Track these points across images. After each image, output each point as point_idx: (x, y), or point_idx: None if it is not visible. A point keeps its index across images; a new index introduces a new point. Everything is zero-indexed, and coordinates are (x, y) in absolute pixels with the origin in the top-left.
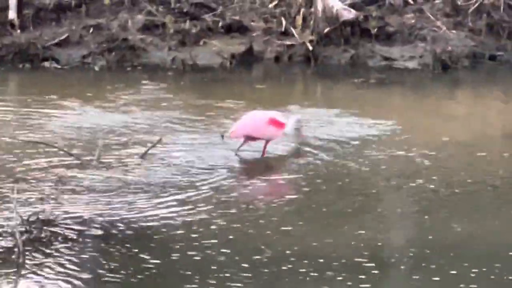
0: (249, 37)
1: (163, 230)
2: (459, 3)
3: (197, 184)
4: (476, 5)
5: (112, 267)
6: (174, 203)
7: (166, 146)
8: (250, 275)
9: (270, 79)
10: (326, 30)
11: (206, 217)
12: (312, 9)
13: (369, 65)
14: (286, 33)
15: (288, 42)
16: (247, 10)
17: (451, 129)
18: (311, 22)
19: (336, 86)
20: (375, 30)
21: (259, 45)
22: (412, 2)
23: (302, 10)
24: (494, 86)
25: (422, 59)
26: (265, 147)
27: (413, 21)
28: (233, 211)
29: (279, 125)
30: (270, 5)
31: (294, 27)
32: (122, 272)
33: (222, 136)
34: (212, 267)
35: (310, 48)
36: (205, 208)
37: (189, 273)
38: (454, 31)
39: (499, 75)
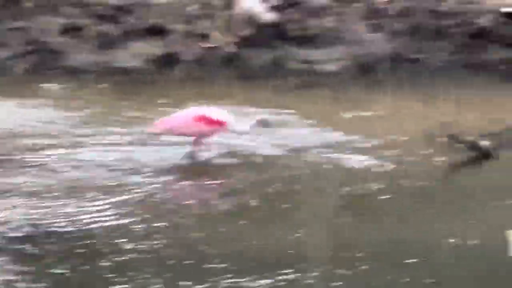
0: (169, 40)
1: (90, 234)
2: (379, 6)
3: (125, 185)
4: (397, 8)
5: (31, 273)
6: (102, 206)
7: (92, 147)
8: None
9: (192, 81)
10: (246, 33)
11: (133, 219)
12: (233, 11)
13: (289, 68)
14: (206, 36)
15: (208, 45)
16: (168, 12)
17: (371, 129)
18: (232, 24)
19: (257, 88)
20: (296, 32)
21: (179, 47)
22: (332, 5)
23: (223, 12)
24: (414, 88)
25: (342, 61)
26: (197, 143)
27: (333, 23)
28: (160, 212)
29: (211, 122)
30: (191, 8)
31: (215, 30)
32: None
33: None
34: (138, 271)
35: (231, 50)
36: (130, 210)
37: (114, 276)
38: (374, 34)
39: (418, 78)
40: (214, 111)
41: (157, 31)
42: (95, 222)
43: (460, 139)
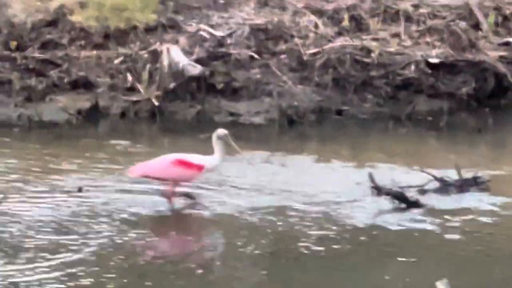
0: (95, 93)
1: None
2: (305, 58)
3: (55, 243)
4: (322, 60)
5: None
6: (32, 265)
7: (13, 203)
8: None
9: (117, 134)
10: (172, 86)
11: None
12: (158, 65)
13: (215, 120)
14: (132, 89)
15: (134, 98)
16: (93, 66)
17: (300, 182)
18: (157, 78)
19: (182, 141)
20: (221, 85)
21: (105, 100)
22: (258, 57)
23: (148, 65)
24: (341, 139)
25: (268, 114)
26: (173, 188)
27: (259, 76)
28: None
29: (189, 166)
30: (116, 61)
31: (140, 83)
32: None
33: (80, 189)
34: None
35: (156, 103)
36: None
37: None
38: (300, 86)
39: (345, 129)
40: (190, 156)
41: (82, 84)
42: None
43: (385, 190)
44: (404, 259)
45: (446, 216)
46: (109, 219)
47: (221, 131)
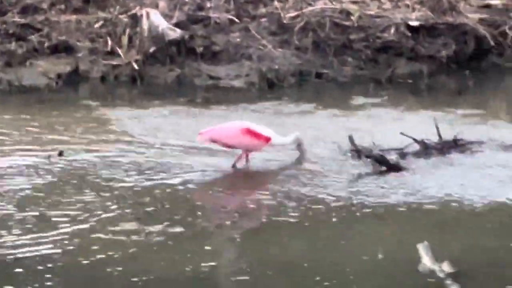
0: (75, 57)
1: None
2: (285, 21)
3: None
4: (302, 23)
5: None
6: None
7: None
8: None
9: (97, 98)
10: (152, 50)
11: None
12: (138, 29)
13: (195, 84)
14: (112, 53)
15: (114, 62)
16: (73, 30)
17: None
18: (137, 42)
19: (162, 104)
20: (201, 49)
21: (85, 64)
22: (238, 21)
23: (128, 30)
24: (320, 102)
25: (248, 77)
26: (246, 157)
27: (239, 39)
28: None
29: (257, 136)
30: (96, 25)
31: (120, 47)
32: None
33: (61, 153)
34: None
35: (136, 67)
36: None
37: None
38: (280, 50)
39: (325, 92)
40: (259, 127)
41: (62, 49)
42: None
43: (366, 153)
44: (383, 222)
45: (426, 179)
46: (88, 184)
47: (300, 137)
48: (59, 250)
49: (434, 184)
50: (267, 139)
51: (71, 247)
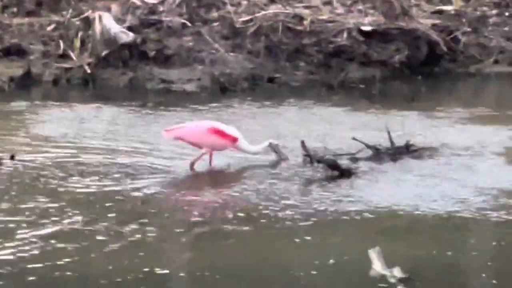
0: (27, 60)
1: None
2: (237, 25)
3: None
4: (255, 27)
5: None
6: None
7: None
8: None
9: (49, 101)
10: (104, 53)
11: None
12: (90, 32)
13: (147, 87)
14: (64, 56)
15: (66, 65)
16: (26, 33)
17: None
18: (89, 45)
19: (114, 108)
20: (153, 52)
21: (37, 67)
22: (190, 25)
23: (80, 33)
24: (271, 106)
25: (201, 81)
26: (210, 157)
27: (191, 43)
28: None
29: (223, 135)
30: (49, 28)
31: (72, 50)
32: None
33: (12, 157)
34: None
35: (88, 70)
36: None
37: None
38: (232, 54)
39: (276, 96)
40: (226, 126)
41: (15, 52)
42: None
43: (318, 158)
44: (335, 228)
45: (378, 184)
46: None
47: (273, 141)
48: (17, 256)
49: (385, 190)
50: (234, 139)
51: (29, 253)
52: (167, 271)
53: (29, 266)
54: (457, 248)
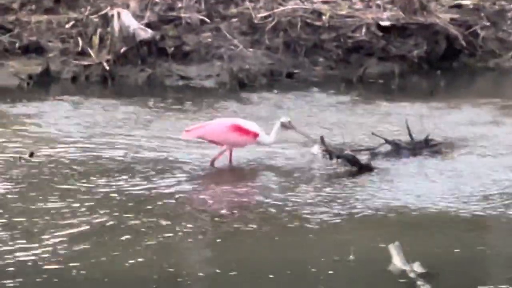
0: (46, 58)
1: None
2: (255, 21)
3: None
4: (273, 23)
5: None
6: None
7: None
8: None
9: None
10: (122, 50)
11: None
12: (109, 29)
13: (166, 84)
14: (83, 53)
15: (85, 62)
16: (44, 30)
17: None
18: (108, 42)
19: (133, 105)
20: (172, 49)
21: (56, 65)
22: (208, 21)
23: (99, 30)
24: (292, 102)
25: (219, 77)
26: (230, 154)
27: (210, 39)
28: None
29: (245, 132)
30: (67, 26)
31: (91, 47)
32: None
33: (32, 154)
34: None
35: (107, 67)
36: None
37: None
38: (251, 49)
39: (295, 92)
40: (247, 122)
41: (33, 49)
42: None
43: (337, 153)
44: (354, 224)
45: (397, 180)
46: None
47: (284, 119)
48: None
49: (405, 186)
50: (255, 135)
51: (55, 254)
52: (188, 270)
53: (55, 267)
54: (477, 244)
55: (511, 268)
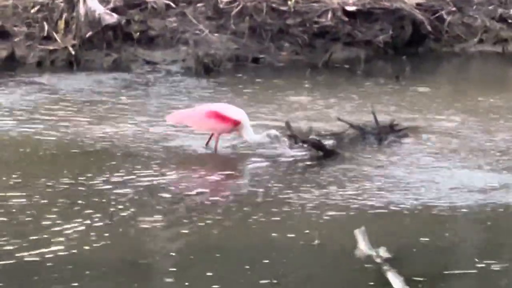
0: (11, 42)
1: None
2: (221, 6)
3: None
4: (239, 8)
5: None
6: None
7: None
8: None
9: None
10: (88, 35)
11: None
12: (74, 14)
13: (132, 69)
14: (48, 38)
15: (50, 47)
16: (10, 15)
17: None
18: (74, 27)
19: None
20: (138, 34)
21: (21, 50)
22: (174, 6)
23: (65, 15)
24: (258, 87)
25: (185, 62)
26: (216, 140)
27: (175, 24)
28: None
29: (223, 119)
30: (33, 10)
31: (57, 32)
32: None
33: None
34: None
35: (73, 52)
36: None
37: None
38: (216, 34)
39: (261, 77)
40: (229, 109)
41: None
42: None
43: (302, 138)
44: (318, 211)
45: (362, 165)
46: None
47: (273, 132)
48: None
49: (370, 170)
50: (235, 123)
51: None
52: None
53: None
54: (444, 231)
55: (477, 255)
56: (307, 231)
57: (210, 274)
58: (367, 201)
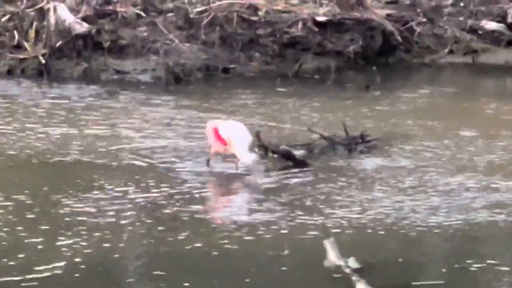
0: None
1: None
2: (192, 16)
3: None
4: (209, 18)
5: None
6: None
7: None
8: None
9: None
10: (58, 44)
11: None
12: (45, 23)
13: (102, 78)
14: (19, 47)
15: (20, 56)
16: None
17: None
18: (44, 36)
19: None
20: (108, 43)
21: None
22: (144, 15)
23: (35, 23)
24: (227, 98)
25: (155, 72)
26: (211, 157)
27: (146, 34)
28: None
29: (218, 138)
30: (3, 19)
31: (27, 41)
32: None
33: None
34: None
35: (43, 61)
36: None
37: None
38: (187, 44)
39: (230, 87)
40: (227, 127)
41: None
42: None
43: (272, 148)
44: (287, 220)
45: (332, 175)
46: None
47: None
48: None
49: (339, 181)
50: (224, 143)
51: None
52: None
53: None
54: (413, 241)
55: (445, 265)
56: (275, 242)
57: None
58: (337, 211)
